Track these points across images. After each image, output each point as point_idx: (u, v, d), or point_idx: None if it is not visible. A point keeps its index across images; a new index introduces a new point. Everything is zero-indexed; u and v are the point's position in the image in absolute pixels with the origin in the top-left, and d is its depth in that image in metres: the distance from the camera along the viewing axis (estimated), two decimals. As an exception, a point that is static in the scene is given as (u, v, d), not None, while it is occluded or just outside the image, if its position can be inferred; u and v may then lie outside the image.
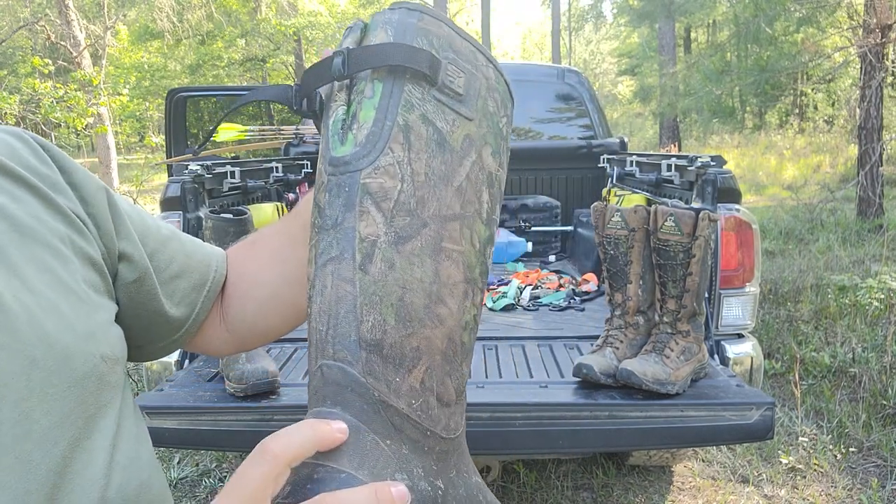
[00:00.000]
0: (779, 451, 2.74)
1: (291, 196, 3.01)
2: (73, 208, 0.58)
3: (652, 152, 4.18)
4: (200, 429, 1.61)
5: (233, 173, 2.38)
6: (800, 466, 2.67)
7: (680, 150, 15.32)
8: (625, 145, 3.64)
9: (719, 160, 2.04)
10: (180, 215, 2.02)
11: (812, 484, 2.56)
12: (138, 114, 18.84)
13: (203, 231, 1.94)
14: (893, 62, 8.72)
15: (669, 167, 2.37)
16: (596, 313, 2.41)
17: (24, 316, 0.49)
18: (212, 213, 1.97)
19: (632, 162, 2.87)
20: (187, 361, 1.97)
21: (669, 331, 1.72)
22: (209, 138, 1.24)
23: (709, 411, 1.58)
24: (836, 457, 2.72)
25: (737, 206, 1.98)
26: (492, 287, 2.78)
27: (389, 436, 0.47)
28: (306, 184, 3.20)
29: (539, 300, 2.63)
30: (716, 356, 1.94)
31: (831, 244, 6.30)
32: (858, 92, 7.51)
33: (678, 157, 2.34)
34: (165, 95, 5.18)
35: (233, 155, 4.26)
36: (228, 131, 3.76)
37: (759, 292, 2.03)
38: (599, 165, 3.56)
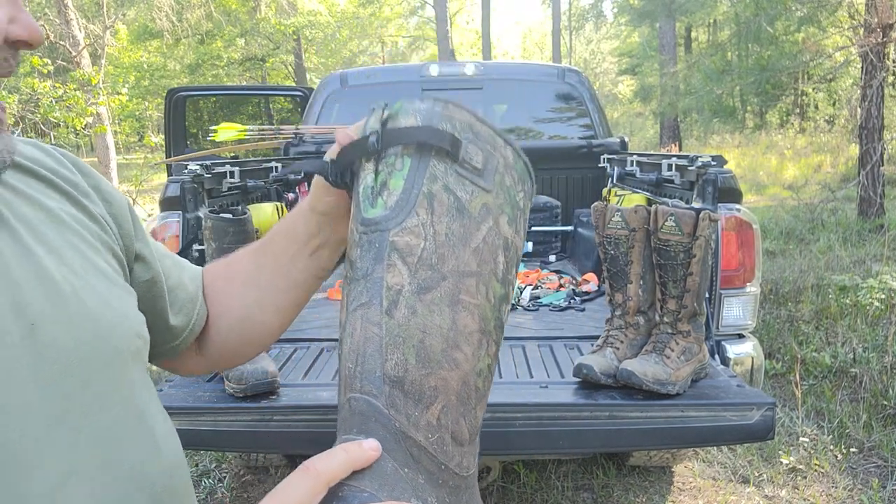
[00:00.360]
0: (779, 452, 2.74)
1: (291, 196, 3.01)
2: (97, 210, 0.64)
3: (652, 152, 4.17)
4: (200, 429, 1.60)
5: (232, 173, 2.37)
6: (800, 467, 2.66)
7: (680, 149, 15.32)
8: (625, 145, 3.63)
9: (720, 160, 2.04)
10: (180, 215, 2.01)
11: (813, 484, 2.56)
12: (137, 113, 18.86)
13: (202, 231, 1.93)
14: (894, 62, 8.72)
15: (670, 167, 2.36)
16: (596, 313, 2.40)
17: (72, 294, 0.54)
18: (211, 212, 1.97)
19: (632, 162, 2.86)
20: (186, 361, 1.97)
21: (670, 331, 1.72)
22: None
23: (709, 411, 1.58)
24: (836, 457, 2.72)
25: (737, 206, 1.97)
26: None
27: (408, 464, 0.52)
28: (306, 183, 3.20)
29: (539, 300, 2.62)
30: (716, 356, 1.93)
31: (832, 244, 6.29)
32: (859, 91, 7.51)
33: (679, 156, 2.33)
34: (165, 95, 5.18)
35: (232, 155, 4.26)
36: (228, 131, 3.76)
37: (760, 292, 2.03)
38: (600, 165, 3.55)
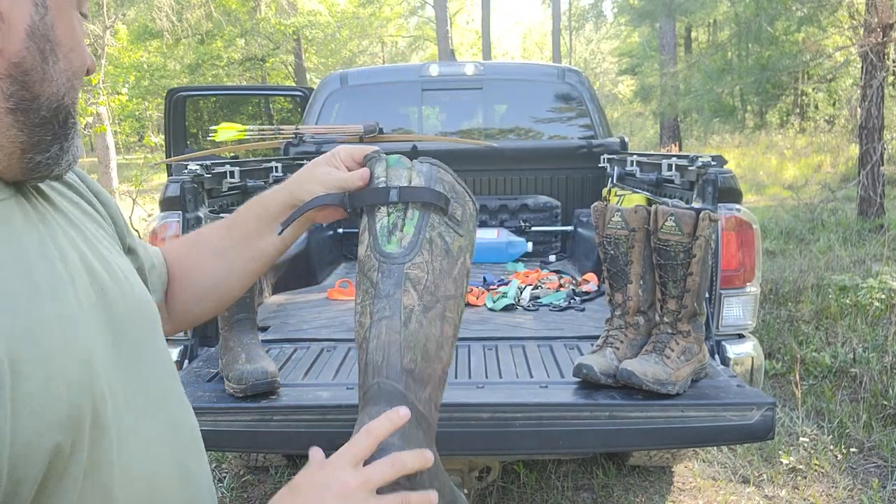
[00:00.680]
0: (779, 452, 2.74)
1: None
2: (99, 210, 0.75)
3: (652, 152, 4.17)
4: (200, 429, 1.60)
5: (232, 173, 2.37)
6: (800, 467, 2.66)
7: (680, 149, 15.31)
8: (625, 145, 3.62)
9: (720, 160, 2.03)
10: (180, 215, 2.00)
11: (813, 484, 2.56)
12: (137, 113, 18.84)
13: (202, 231, 1.93)
14: (894, 62, 8.72)
15: (670, 167, 2.36)
16: (596, 313, 2.40)
17: (118, 270, 0.67)
18: (211, 212, 1.97)
19: (632, 162, 2.86)
20: (186, 362, 1.97)
21: (670, 331, 1.71)
22: None
23: (709, 411, 1.57)
24: (836, 457, 2.72)
25: (737, 206, 1.97)
26: (492, 287, 2.77)
27: (416, 425, 0.76)
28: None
29: (539, 300, 2.62)
30: (716, 356, 1.93)
31: (832, 244, 6.29)
32: (859, 91, 7.51)
33: (679, 156, 2.33)
34: (165, 95, 5.17)
35: (232, 155, 4.26)
36: (228, 131, 3.76)
37: (760, 292, 2.02)
38: (600, 165, 3.55)
